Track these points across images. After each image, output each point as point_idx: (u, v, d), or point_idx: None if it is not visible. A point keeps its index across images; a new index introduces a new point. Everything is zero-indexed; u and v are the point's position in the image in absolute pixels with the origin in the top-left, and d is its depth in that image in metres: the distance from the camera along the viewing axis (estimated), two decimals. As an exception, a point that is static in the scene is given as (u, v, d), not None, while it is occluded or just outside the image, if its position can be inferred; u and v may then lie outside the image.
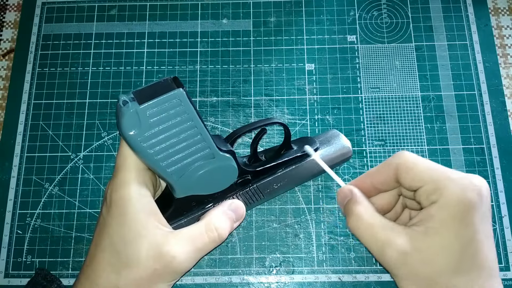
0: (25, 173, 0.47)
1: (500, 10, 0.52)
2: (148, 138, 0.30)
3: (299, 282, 0.43)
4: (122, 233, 0.31)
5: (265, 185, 0.40)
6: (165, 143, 0.31)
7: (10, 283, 0.43)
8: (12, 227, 0.45)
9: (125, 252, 0.31)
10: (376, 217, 0.32)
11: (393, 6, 0.52)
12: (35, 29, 0.52)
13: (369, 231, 0.31)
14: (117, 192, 0.32)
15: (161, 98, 0.30)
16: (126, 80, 0.50)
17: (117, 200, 0.31)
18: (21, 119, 0.49)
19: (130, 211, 0.31)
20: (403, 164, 0.31)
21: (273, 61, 0.50)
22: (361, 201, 0.33)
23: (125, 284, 0.31)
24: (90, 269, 0.32)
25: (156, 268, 0.31)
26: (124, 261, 0.31)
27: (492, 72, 0.49)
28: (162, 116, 0.30)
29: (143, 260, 0.31)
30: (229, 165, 0.36)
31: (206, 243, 0.33)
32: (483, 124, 0.47)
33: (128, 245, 0.31)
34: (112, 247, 0.31)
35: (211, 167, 0.35)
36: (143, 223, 0.31)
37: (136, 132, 0.30)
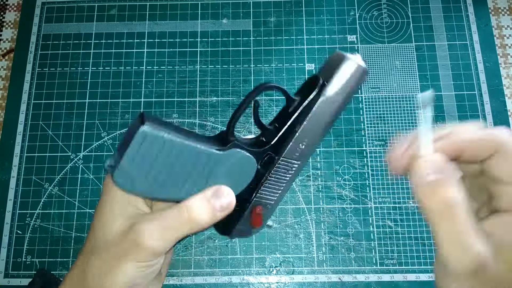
0: (25, 173, 0.47)
1: (500, 10, 0.52)
2: (147, 182, 0.31)
3: (299, 282, 0.43)
4: (100, 214, 0.32)
5: (290, 151, 0.35)
6: (167, 178, 0.31)
7: (10, 283, 0.43)
8: (12, 227, 0.45)
9: (99, 232, 0.32)
10: (470, 224, 0.25)
11: (393, 6, 0.52)
12: (35, 29, 0.52)
13: (458, 239, 0.25)
14: (107, 179, 0.33)
15: (132, 144, 0.29)
16: (126, 80, 0.50)
17: (105, 185, 0.33)
18: (21, 119, 0.48)
19: (110, 193, 0.32)
20: (507, 149, 0.26)
21: (273, 61, 0.50)
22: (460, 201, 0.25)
23: (92, 265, 0.31)
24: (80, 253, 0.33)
25: (122, 244, 0.30)
26: (97, 241, 0.31)
27: (492, 72, 0.49)
28: (145, 159, 0.30)
29: (113, 237, 0.31)
30: (239, 157, 0.34)
31: (175, 222, 0.31)
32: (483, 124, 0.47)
33: (102, 225, 0.32)
34: (91, 230, 0.32)
35: (224, 169, 0.34)
36: (120, 204, 0.32)
37: (133, 185, 0.30)
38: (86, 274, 0.31)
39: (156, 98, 0.49)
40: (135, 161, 0.30)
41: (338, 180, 0.46)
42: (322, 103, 0.34)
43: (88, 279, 0.31)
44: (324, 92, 0.34)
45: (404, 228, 0.44)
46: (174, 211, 0.31)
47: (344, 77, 0.34)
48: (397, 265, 0.43)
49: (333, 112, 0.35)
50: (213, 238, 0.44)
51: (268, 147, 0.35)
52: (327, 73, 0.35)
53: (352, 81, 0.34)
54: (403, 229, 0.44)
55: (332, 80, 0.34)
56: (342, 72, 0.34)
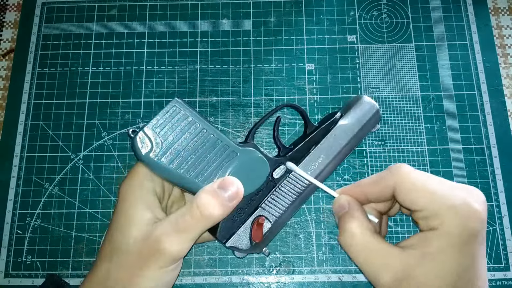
0: (25, 173, 0.47)
1: (500, 10, 0.52)
2: (163, 153, 0.32)
3: (299, 282, 0.43)
4: (117, 219, 0.32)
5: (303, 167, 0.38)
6: (182, 153, 0.32)
7: (10, 283, 0.43)
8: (12, 227, 0.45)
9: (117, 238, 0.32)
10: (371, 239, 0.30)
11: (393, 6, 0.52)
12: (35, 29, 0.52)
13: (364, 253, 0.30)
14: (124, 183, 0.34)
15: (161, 112, 0.31)
16: (126, 80, 0.50)
17: (122, 191, 0.33)
18: (21, 119, 0.49)
19: (129, 199, 0.32)
20: (401, 183, 0.30)
21: (273, 61, 0.50)
22: (357, 217, 0.31)
23: (115, 270, 0.31)
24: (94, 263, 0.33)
25: (142, 252, 0.31)
26: (116, 247, 0.31)
27: (492, 72, 0.49)
28: (168, 128, 0.31)
29: (132, 244, 0.31)
30: (255, 157, 0.36)
31: (190, 222, 0.31)
32: (483, 124, 0.47)
33: (120, 231, 0.32)
34: (109, 235, 0.32)
35: (238, 163, 0.35)
36: (139, 211, 0.32)
37: (149, 151, 0.31)
38: (107, 284, 0.31)
39: (156, 98, 0.49)
40: (160, 129, 0.31)
41: (338, 180, 0.46)
42: (337, 129, 0.39)
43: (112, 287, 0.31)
44: (340, 121, 0.39)
45: (404, 228, 0.44)
46: (185, 212, 0.32)
47: (359, 112, 0.40)
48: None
49: (347, 140, 0.40)
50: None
51: (283, 157, 0.37)
52: (345, 109, 0.41)
53: (366, 116, 0.40)
54: (403, 229, 0.44)
55: (348, 114, 0.40)
56: (357, 107, 0.40)
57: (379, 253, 0.29)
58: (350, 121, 0.39)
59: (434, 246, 0.28)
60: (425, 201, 0.29)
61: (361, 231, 0.30)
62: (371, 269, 0.29)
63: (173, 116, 0.32)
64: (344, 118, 0.40)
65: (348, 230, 0.31)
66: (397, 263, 0.28)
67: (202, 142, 0.33)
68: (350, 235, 0.31)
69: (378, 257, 0.29)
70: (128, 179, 0.34)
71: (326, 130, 0.39)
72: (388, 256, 0.29)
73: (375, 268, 0.29)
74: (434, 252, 0.28)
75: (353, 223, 0.31)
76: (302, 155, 0.38)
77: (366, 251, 0.30)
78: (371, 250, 0.30)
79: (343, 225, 0.32)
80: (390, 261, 0.29)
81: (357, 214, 0.32)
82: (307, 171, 0.38)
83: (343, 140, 0.39)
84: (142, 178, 0.33)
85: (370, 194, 0.32)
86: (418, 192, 0.29)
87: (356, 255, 0.30)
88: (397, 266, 0.28)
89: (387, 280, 0.28)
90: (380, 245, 0.30)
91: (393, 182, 0.30)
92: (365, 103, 0.40)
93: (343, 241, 0.31)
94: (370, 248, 0.30)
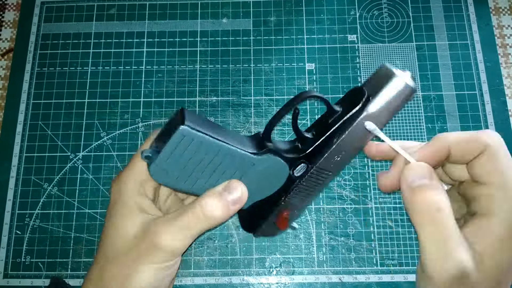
0: (24, 173, 0.46)
1: (501, 10, 0.52)
2: (181, 178, 0.32)
3: (299, 282, 0.42)
4: (112, 222, 0.32)
5: (325, 162, 0.34)
6: (198, 174, 0.32)
7: (9, 284, 0.43)
8: (11, 228, 0.45)
9: (113, 238, 0.31)
10: (452, 220, 0.26)
11: (394, 6, 0.52)
12: (34, 28, 0.52)
13: (442, 244, 0.26)
14: (115, 185, 0.33)
15: (170, 142, 0.30)
16: (125, 79, 0.49)
17: (113, 193, 0.33)
18: (20, 119, 0.48)
19: (123, 201, 0.32)
20: (493, 148, 0.27)
21: (273, 61, 0.50)
22: (444, 206, 0.26)
23: (111, 267, 0.31)
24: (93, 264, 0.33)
25: (139, 246, 0.30)
26: (111, 247, 0.31)
27: (493, 72, 0.49)
28: (182, 156, 0.31)
29: (129, 241, 0.31)
30: (273, 162, 0.34)
31: (190, 220, 0.31)
32: (484, 124, 0.47)
33: (116, 231, 0.31)
34: (104, 237, 0.32)
35: (257, 172, 0.34)
36: (134, 213, 0.32)
37: (167, 178, 0.31)
38: (104, 282, 0.31)
39: (155, 98, 0.49)
40: (172, 157, 0.31)
41: (339, 180, 0.46)
42: (364, 119, 0.33)
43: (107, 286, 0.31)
44: (367, 108, 0.32)
45: (405, 229, 0.44)
46: (188, 210, 0.31)
47: (390, 94, 0.32)
48: (398, 266, 0.43)
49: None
50: (212, 239, 0.44)
51: (303, 155, 0.35)
52: (373, 87, 0.33)
53: (398, 99, 0.33)
54: (403, 229, 0.44)
55: (377, 96, 0.32)
56: (389, 89, 0.32)
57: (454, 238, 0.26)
58: (379, 108, 0.33)
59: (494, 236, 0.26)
60: (501, 179, 0.26)
61: (445, 209, 0.26)
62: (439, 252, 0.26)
63: (184, 143, 0.31)
64: (372, 103, 0.32)
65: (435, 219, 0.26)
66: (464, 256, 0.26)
67: (217, 160, 0.32)
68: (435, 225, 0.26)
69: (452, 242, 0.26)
70: (122, 177, 0.33)
71: (351, 119, 0.33)
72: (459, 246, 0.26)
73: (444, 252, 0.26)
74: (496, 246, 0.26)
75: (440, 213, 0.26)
76: (323, 149, 0.34)
77: (446, 244, 0.26)
78: (449, 232, 0.26)
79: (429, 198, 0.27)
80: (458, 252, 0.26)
81: (444, 199, 0.27)
82: (329, 165, 0.34)
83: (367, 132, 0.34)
84: (135, 183, 0.33)
85: (456, 151, 0.28)
86: (502, 166, 0.27)
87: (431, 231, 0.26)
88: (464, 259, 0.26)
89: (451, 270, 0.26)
90: (459, 238, 0.26)
91: (487, 144, 0.27)
92: (399, 82, 0.32)
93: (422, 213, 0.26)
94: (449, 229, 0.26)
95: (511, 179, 0.26)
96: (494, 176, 0.27)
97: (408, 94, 0.33)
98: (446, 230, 0.26)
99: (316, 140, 0.34)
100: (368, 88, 0.33)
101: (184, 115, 0.30)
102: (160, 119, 0.48)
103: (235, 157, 0.33)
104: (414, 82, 0.33)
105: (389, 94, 0.32)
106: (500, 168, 0.27)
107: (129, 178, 0.33)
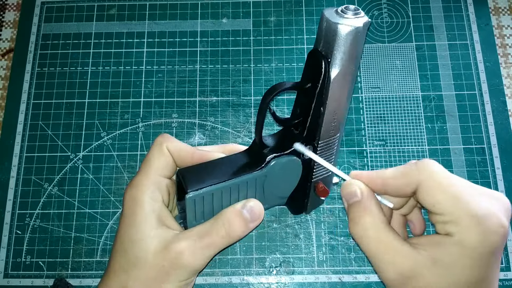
0: (24, 173, 0.46)
1: (500, 10, 0.52)
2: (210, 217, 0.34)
3: (299, 282, 0.42)
4: (130, 233, 0.31)
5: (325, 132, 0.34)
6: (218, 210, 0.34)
7: (9, 283, 0.43)
8: (12, 227, 0.45)
9: (132, 251, 0.31)
10: (384, 234, 0.29)
11: (393, 6, 0.52)
12: (34, 28, 0.52)
13: (374, 246, 0.29)
14: (130, 192, 0.33)
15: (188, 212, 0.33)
16: (126, 79, 0.50)
17: (128, 201, 0.32)
18: (20, 119, 0.48)
19: (139, 212, 0.32)
20: (426, 182, 0.28)
21: (273, 61, 0.50)
22: (371, 210, 0.30)
23: (133, 284, 0.31)
24: (105, 273, 0.33)
25: (163, 265, 0.30)
26: (132, 261, 0.31)
27: (493, 72, 0.49)
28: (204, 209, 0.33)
29: (151, 258, 0.30)
30: (282, 164, 0.35)
31: (213, 239, 0.32)
32: (484, 124, 0.47)
33: (136, 244, 0.31)
34: (122, 248, 0.32)
35: (273, 179, 0.35)
36: (152, 224, 0.31)
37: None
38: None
39: (155, 98, 0.49)
40: (197, 216, 0.33)
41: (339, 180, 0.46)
42: (335, 80, 0.32)
43: None
44: (331, 68, 0.31)
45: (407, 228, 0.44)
46: (210, 228, 0.32)
47: (346, 45, 0.30)
48: (398, 265, 0.43)
49: (350, 80, 0.33)
50: (213, 238, 0.44)
51: (303, 138, 0.34)
52: (326, 45, 0.31)
53: (356, 45, 0.31)
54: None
55: (335, 54, 0.31)
56: (341, 42, 0.30)
57: (390, 248, 0.29)
58: (342, 63, 0.31)
59: (448, 252, 0.27)
60: (447, 205, 0.27)
61: (374, 226, 0.29)
62: (380, 263, 0.29)
63: (198, 203, 0.33)
64: (333, 62, 0.31)
65: (361, 224, 0.30)
66: (406, 261, 0.28)
67: (234, 192, 0.34)
68: (363, 227, 0.30)
69: (389, 252, 0.29)
70: (136, 190, 0.33)
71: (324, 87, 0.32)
72: (399, 253, 0.28)
73: (384, 262, 0.29)
74: (447, 259, 0.27)
75: (366, 217, 0.30)
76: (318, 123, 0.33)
77: (378, 245, 0.29)
78: (383, 244, 0.29)
79: (355, 217, 0.30)
80: (399, 258, 0.28)
81: (371, 206, 0.30)
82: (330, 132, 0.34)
83: (346, 87, 0.33)
84: (151, 189, 0.33)
85: (391, 187, 0.31)
86: (441, 195, 0.28)
87: (367, 247, 0.30)
88: (405, 264, 0.28)
89: (393, 275, 0.28)
90: (392, 240, 0.29)
91: (418, 179, 0.29)
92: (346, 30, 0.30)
93: (355, 233, 0.30)
94: (382, 242, 0.29)
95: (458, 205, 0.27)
96: (439, 206, 0.28)
97: (362, 33, 0.31)
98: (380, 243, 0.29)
99: (306, 120, 0.34)
100: (322, 48, 0.32)
101: (185, 180, 0.32)
102: (160, 119, 0.48)
103: (247, 182, 0.34)
104: (362, 14, 0.31)
105: (344, 46, 0.30)
106: (439, 198, 0.28)
107: (143, 184, 0.33)
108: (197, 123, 0.48)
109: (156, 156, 0.34)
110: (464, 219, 0.27)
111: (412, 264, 0.28)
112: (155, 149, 0.34)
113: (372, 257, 0.30)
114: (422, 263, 0.27)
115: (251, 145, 0.36)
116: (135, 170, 0.46)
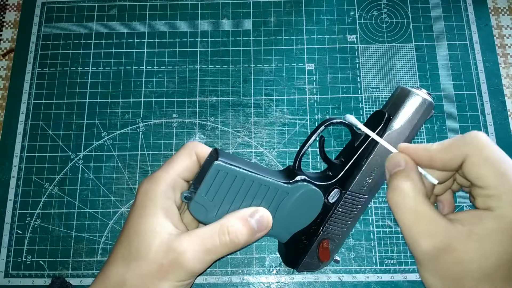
0: (25, 173, 0.47)
1: (500, 10, 0.52)
2: (220, 212, 0.33)
3: (299, 282, 0.43)
4: (138, 225, 0.32)
5: (357, 185, 0.36)
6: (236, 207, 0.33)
7: (10, 283, 0.43)
8: (12, 227, 0.45)
9: (136, 244, 0.31)
10: (422, 204, 0.29)
11: (393, 6, 0.52)
12: (35, 29, 0.52)
13: (410, 215, 0.29)
14: (146, 185, 0.33)
15: (207, 177, 0.32)
16: (126, 80, 0.50)
17: (142, 193, 0.33)
18: (21, 119, 0.49)
19: (150, 206, 0.32)
20: (474, 155, 0.28)
21: (273, 61, 0.50)
22: (412, 178, 0.29)
23: (131, 277, 0.31)
24: (106, 261, 0.33)
25: (163, 263, 0.31)
26: (134, 254, 0.31)
27: (492, 72, 0.49)
28: (218, 191, 0.32)
29: (152, 254, 0.31)
30: (306, 190, 0.35)
31: (216, 245, 0.31)
32: (483, 124, 0.47)
33: (141, 237, 0.31)
34: (127, 239, 0.32)
35: (291, 202, 0.35)
36: (159, 220, 0.32)
37: (206, 214, 0.33)
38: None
39: (156, 98, 0.49)
40: (209, 193, 0.32)
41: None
42: (388, 136, 0.35)
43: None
44: (389, 126, 0.35)
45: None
46: (214, 233, 0.32)
47: (410, 111, 0.35)
48: (397, 265, 0.43)
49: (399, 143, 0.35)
50: (213, 238, 0.44)
51: (335, 180, 0.35)
52: (392, 108, 0.35)
53: (418, 115, 0.35)
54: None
55: (398, 115, 0.35)
56: (407, 106, 0.35)
57: (426, 219, 0.28)
58: (401, 125, 0.35)
59: (485, 227, 0.27)
60: (491, 179, 0.27)
61: (413, 193, 0.29)
62: (414, 233, 0.28)
63: (219, 178, 0.32)
64: (393, 121, 0.35)
65: (400, 189, 0.29)
66: (441, 233, 0.27)
67: (252, 192, 0.33)
68: (402, 194, 0.29)
69: (424, 222, 0.28)
70: (152, 183, 0.33)
71: (374, 142, 0.35)
72: (434, 224, 0.28)
73: (417, 232, 0.28)
74: (483, 233, 0.27)
75: (406, 183, 0.29)
76: (354, 173, 0.36)
77: (414, 214, 0.29)
78: (419, 214, 0.28)
79: (395, 183, 0.30)
80: (434, 229, 0.28)
81: (413, 174, 0.30)
82: (362, 188, 0.36)
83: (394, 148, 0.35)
84: (167, 186, 0.33)
85: (438, 161, 0.30)
86: (487, 168, 0.27)
87: (402, 216, 0.29)
88: (440, 236, 0.27)
89: (427, 247, 0.28)
90: (429, 211, 0.28)
91: (465, 152, 0.28)
92: (416, 99, 0.35)
93: (392, 199, 0.30)
94: (419, 212, 0.28)
95: (504, 181, 0.27)
96: (485, 180, 0.28)
97: (427, 109, 0.35)
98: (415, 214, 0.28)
99: (346, 165, 0.36)
100: (388, 109, 0.35)
101: (218, 153, 0.32)
102: (160, 119, 0.48)
103: (269, 188, 0.33)
104: (431, 97, 0.35)
105: (408, 111, 0.35)
106: (486, 172, 0.28)
107: (161, 180, 0.33)
108: (197, 123, 0.48)
109: (182, 157, 0.34)
110: (507, 194, 0.26)
111: (447, 236, 0.27)
112: (184, 151, 0.35)
113: (406, 226, 0.29)
114: (456, 236, 0.27)
115: (286, 168, 0.37)
116: (136, 170, 0.46)
